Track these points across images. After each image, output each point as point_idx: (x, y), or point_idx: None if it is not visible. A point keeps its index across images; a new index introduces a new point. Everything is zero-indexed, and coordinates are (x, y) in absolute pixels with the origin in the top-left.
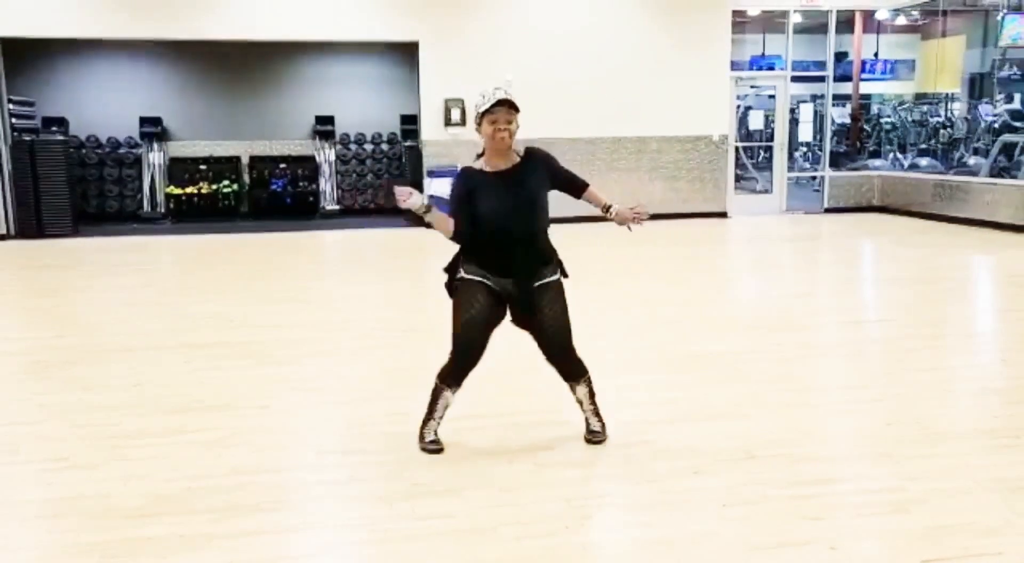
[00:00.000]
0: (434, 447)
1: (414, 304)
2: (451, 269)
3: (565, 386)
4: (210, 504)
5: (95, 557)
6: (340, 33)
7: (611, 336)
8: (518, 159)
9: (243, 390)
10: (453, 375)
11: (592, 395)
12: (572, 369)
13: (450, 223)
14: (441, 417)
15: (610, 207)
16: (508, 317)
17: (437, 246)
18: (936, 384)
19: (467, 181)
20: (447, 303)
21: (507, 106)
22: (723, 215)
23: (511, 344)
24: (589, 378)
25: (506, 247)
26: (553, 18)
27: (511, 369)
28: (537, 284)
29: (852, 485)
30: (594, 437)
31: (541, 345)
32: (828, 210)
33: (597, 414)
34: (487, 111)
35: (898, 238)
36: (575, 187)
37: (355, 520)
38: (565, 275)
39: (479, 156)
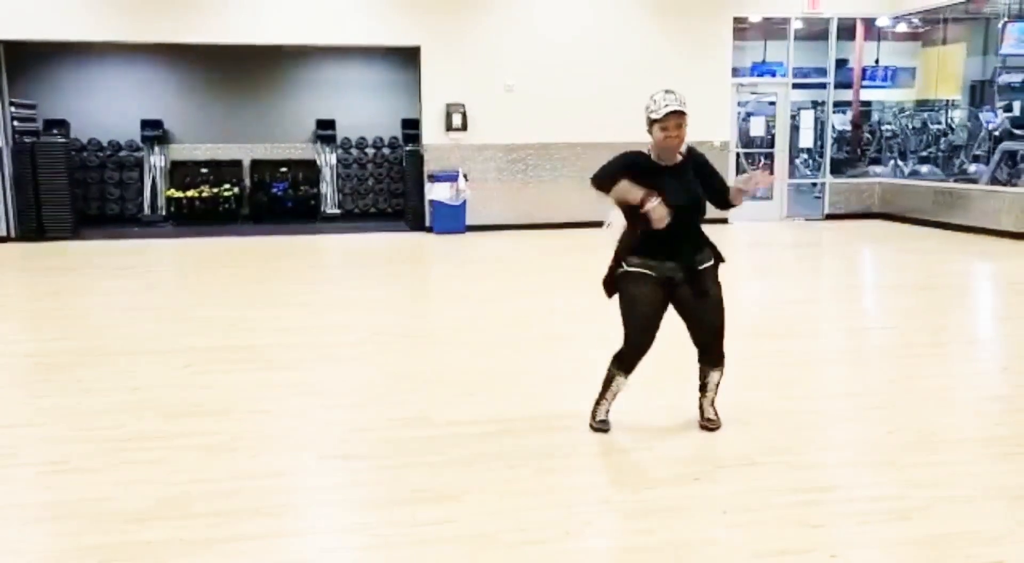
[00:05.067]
0: (603, 426)
1: (415, 309)
2: (613, 267)
3: (566, 391)
4: (210, 508)
5: (95, 560)
6: (342, 37)
7: (612, 341)
8: (680, 158)
9: (244, 394)
10: (627, 363)
11: (718, 385)
12: (719, 354)
13: (617, 184)
14: (612, 399)
15: (746, 175)
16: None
17: (438, 250)
18: (938, 391)
19: (635, 160)
20: (447, 307)
21: (677, 115)
22: (724, 221)
23: (512, 348)
24: (723, 368)
25: (671, 234)
26: (555, 24)
27: (512, 374)
28: (700, 268)
29: (854, 493)
30: (711, 424)
31: (695, 328)
32: (829, 217)
33: (713, 403)
34: (658, 119)
35: (899, 245)
36: (722, 197)
37: (355, 525)
38: (721, 260)
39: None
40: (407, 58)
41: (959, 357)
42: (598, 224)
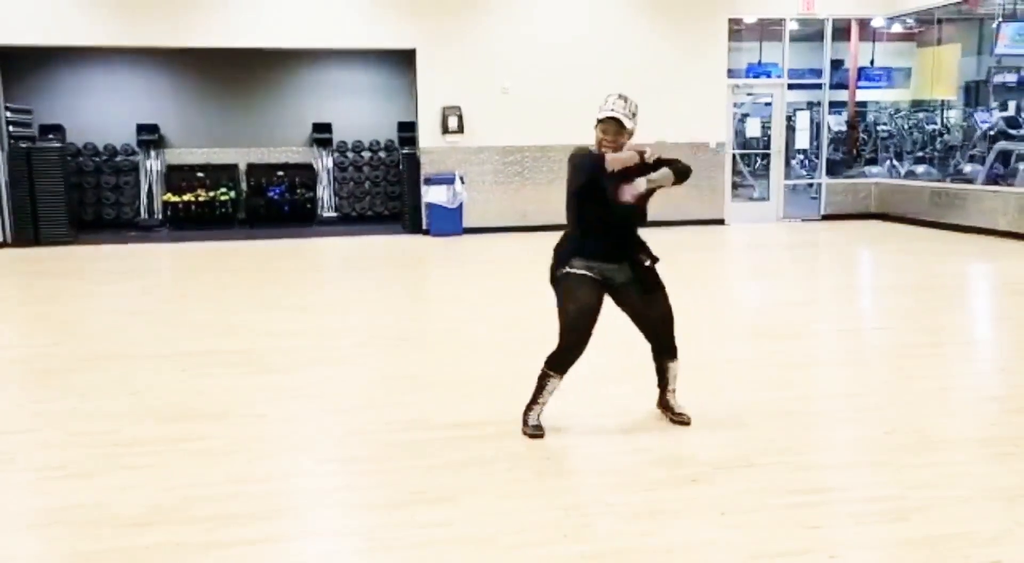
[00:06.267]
0: (537, 432)
1: (412, 311)
2: (556, 264)
3: (563, 393)
4: (208, 513)
5: None
6: (338, 40)
7: (609, 344)
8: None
9: (241, 398)
10: (561, 363)
11: (677, 377)
12: (672, 346)
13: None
14: (545, 402)
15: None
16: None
17: (436, 252)
18: (935, 392)
19: (596, 162)
20: (445, 310)
21: (614, 123)
22: (720, 222)
23: (510, 350)
24: (679, 358)
25: (615, 236)
26: (550, 26)
27: (509, 376)
28: (644, 265)
29: (851, 493)
30: (681, 418)
31: (646, 325)
32: (825, 217)
33: (675, 395)
34: (598, 121)
35: (895, 245)
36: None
37: (353, 528)
38: (656, 260)
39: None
40: (403, 61)
41: (957, 357)
42: None
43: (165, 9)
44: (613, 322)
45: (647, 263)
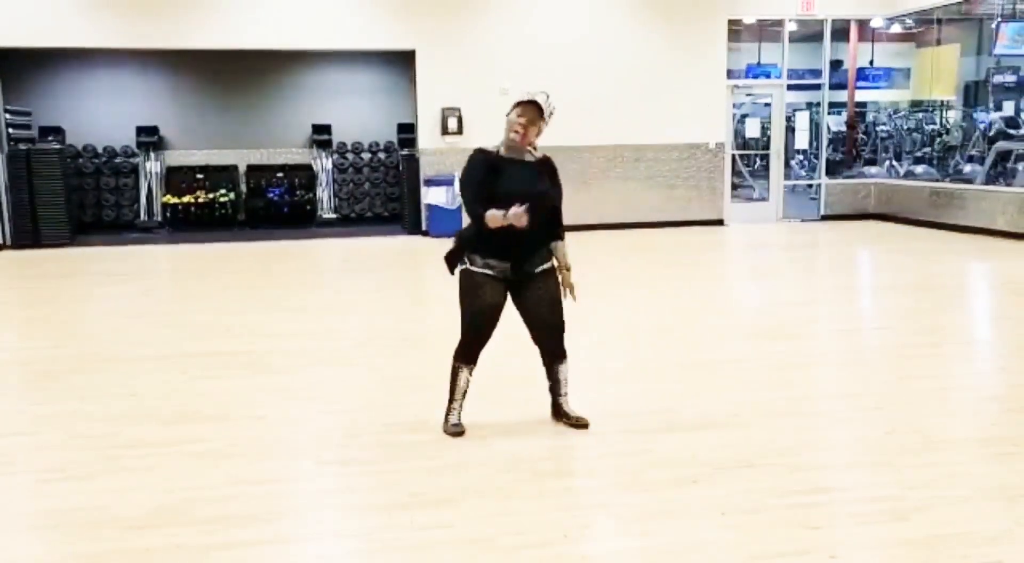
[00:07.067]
0: (456, 430)
1: (411, 313)
2: (453, 255)
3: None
4: (207, 515)
5: None
6: (337, 42)
7: (609, 344)
8: (531, 159)
9: (240, 400)
10: (468, 354)
11: (567, 379)
12: (561, 348)
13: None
14: (462, 398)
15: (568, 268)
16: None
17: (433, 255)
18: (935, 392)
19: (486, 162)
20: (444, 312)
21: (533, 107)
22: (720, 223)
23: (507, 353)
24: (567, 361)
25: (514, 237)
26: (550, 27)
27: (508, 378)
28: (537, 270)
29: (852, 494)
30: (580, 421)
31: (535, 325)
32: (824, 218)
33: (567, 397)
34: (517, 103)
35: (895, 246)
36: (554, 221)
37: (353, 530)
38: (554, 265)
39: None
40: (402, 62)
41: (956, 357)
42: (594, 227)
43: (165, 10)
44: (615, 324)
45: (544, 267)
